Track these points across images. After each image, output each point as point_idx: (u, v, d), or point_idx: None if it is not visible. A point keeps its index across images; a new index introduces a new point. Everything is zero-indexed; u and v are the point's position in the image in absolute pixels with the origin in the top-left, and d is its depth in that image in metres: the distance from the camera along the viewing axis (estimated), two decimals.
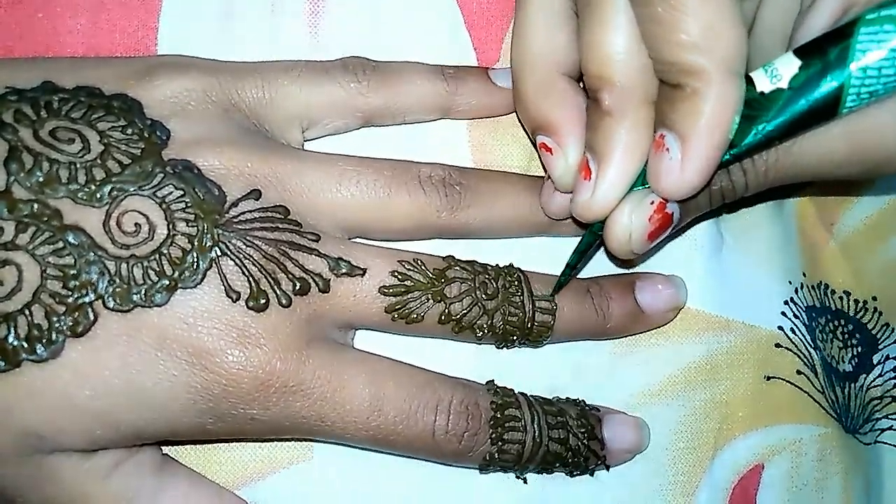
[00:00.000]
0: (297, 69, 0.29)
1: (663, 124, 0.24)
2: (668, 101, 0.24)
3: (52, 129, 0.25)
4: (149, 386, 0.24)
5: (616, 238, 0.26)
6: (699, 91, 0.23)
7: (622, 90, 0.25)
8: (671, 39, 0.23)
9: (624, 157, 0.25)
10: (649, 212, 0.26)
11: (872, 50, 0.23)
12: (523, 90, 0.28)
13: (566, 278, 0.30)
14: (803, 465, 0.33)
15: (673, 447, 0.32)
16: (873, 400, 0.36)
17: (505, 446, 0.28)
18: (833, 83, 0.24)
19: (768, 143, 0.26)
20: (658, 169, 0.25)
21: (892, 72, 0.23)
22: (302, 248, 0.27)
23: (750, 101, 0.24)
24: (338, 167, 0.28)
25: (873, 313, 0.36)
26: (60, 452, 0.25)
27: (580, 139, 0.27)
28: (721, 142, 0.24)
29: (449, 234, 0.30)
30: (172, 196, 0.25)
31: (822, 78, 0.24)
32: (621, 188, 0.26)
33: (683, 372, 0.33)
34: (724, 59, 0.23)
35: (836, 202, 0.37)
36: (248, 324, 0.25)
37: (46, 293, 0.24)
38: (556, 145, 0.28)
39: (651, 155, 0.25)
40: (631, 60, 0.24)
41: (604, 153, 0.25)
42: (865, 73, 0.24)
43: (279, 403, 0.26)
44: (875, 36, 0.23)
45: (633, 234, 0.26)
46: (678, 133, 0.24)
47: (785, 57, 0.25)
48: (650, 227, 0.26)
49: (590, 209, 0.26)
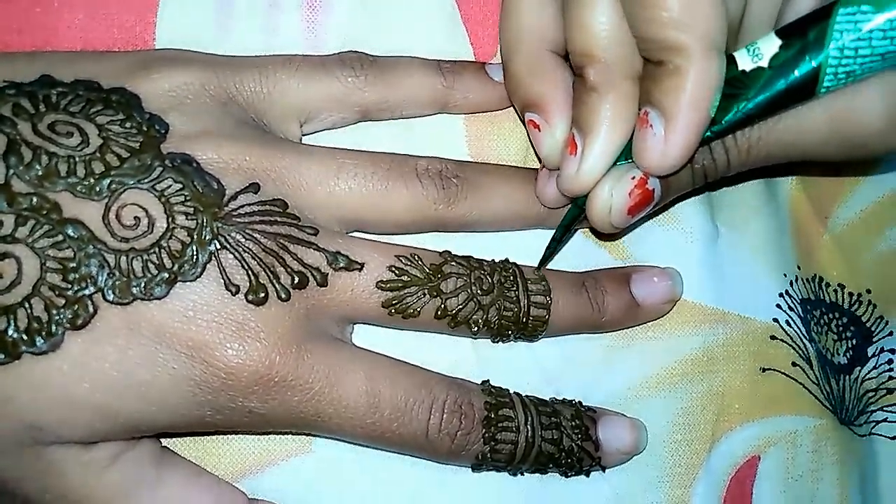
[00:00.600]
0: (294, 63, 0.29)
1: (647, 101, 0.25)
2: (651, 78, 0.25)
3: (50, 122, 0.25)
4: (148, 378, 0.25)
5: (596, 211, 0.27)
6: (680, 67, 0.24)
7: (606, 66, 0.26)
8: (652, 17, 0.24)
9: (608, 131, 0.26)
10: (629, 186, 0.27)
11: (849, 31, 0.24)
12: (513, 68, 0.29)
13: (551, 252, 0.30)
14: (799, 456, 0.33)
15: (670, 439, 0.32)
16: (868, 392, 0.36)
17: (497, 446, 0.28)
18: (811, 63, 0.25)
19: (748, 121, 0.26)
20: (642, 145, 0.25)
21: (868, 53, 0.24)
22: (300, 241, 0.27)
23: (731, 79, 0.25)
24: (336, 161, 0.28)
25: (868, 306, 0.37)
26: (60, 444, 0.25)
27: (567, 115, 0.28)
28: (703, 117, 0.24)
29: (446, 227, 0.30)
30: (171, 189, 0.25)
31: (801, 58, 0.25)
32: (605, 161, 0.26)
33: (680, 364, 0.33)
34: (704, 35, 0.23)
35: (831, 195, 0.37)
36: (247, 317, 0.25)
37: (46, 286, 0.24)
38: (544, 122, 0.28)
39: (636, 131, 0.26)
40: (614, 37, 0.25)
41: (589, 127, 0.26)
42: (842, 53, 0.24)
43: (277, 397, 0.26)
44: (853, 17, 0.24)
45: (613, 208, 0.27)
46: (661, 109, 0.25)
47: (767, 37, 0.26)
48: (630, 202, 0.27)
49: (575, 183, 0.27)
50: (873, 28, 0.24)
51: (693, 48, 0.23)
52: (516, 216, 0.31)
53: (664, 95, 0.24)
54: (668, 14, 0.23)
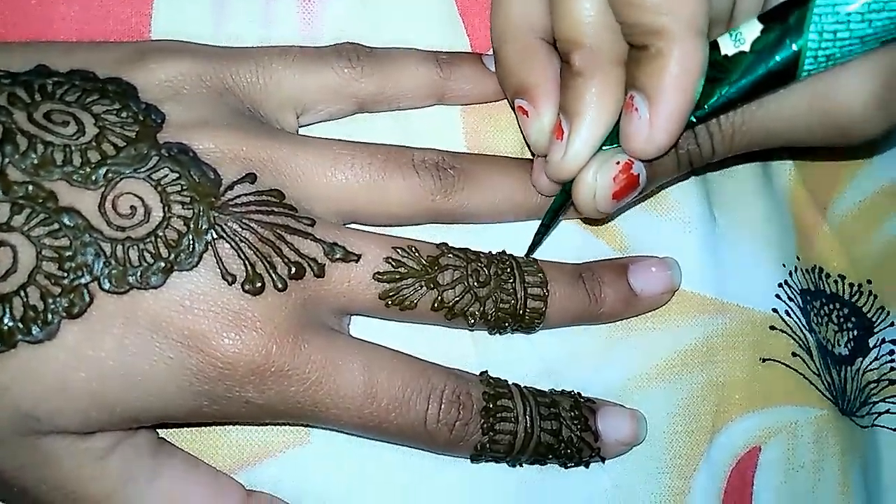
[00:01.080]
0: (291, 54, 0.29)
1: (632, 86, 0.26)
2: (635, 63, 0.25)
3: (46, 111, 0.25)
4: (144, 368, 0.24)
5: (581, 196, 0.28)
6: (663, 51, 0.24)
7: (591, 51, 0.26)
8: (634, 2, 0.24)
9: (593, 115, 0.26)
10: (614, 171, 0.27)
11: (828, 15, 0.24)
12: (503, 56, 0.29)
13: (540, 237, 0.31)
14: (799, 447, 0.33)
15: (670, 430, 0.32)
16: (870, 383, 0.36)
17: (496, 436, 0.28)
18: (792, 47, 0.25)
19: (731, 105, 0.27)
20: (628, 129, 0.26)
21: (847, 36, 0.24)
22: (297, 232, 0.27)
23: (714, 63, 0.26)
24: (332, 151, 0.28)
25: (868, 297, 0.36)
26: (56, 434, 0.24)
27: (555, 102, 0.28)
28: (687, 100, 0.25)
29: (443, 218, 0.30)
30: (168, 179, 0.25)
31: (782, 42, 0.25)
32: (591, 146, 0.27)
33: (680, 355, 0.33)
34: (685, 18, 0.24)
35: (829, 186, 0.37)
36: (243, 307, 0.25)
37: (42, 274, 0.24)
38: (532, 108, 0.28)
39: (623, 116, 0.26)
40: (599, 22, 0.26)
41: (575, 112, 0.27)
42: (822, 37, 0.25)
43: (274, 387, 0.26)
44: (831, 1, 0.24)
45: (598, 192, 0.27)
46: (646, 93, 0.25)
47: (750, 22, 0.26)
48: (615, 187, 0.27)
49: (562, 168, 0.27)
50: (851, 11, 0.24)
51: (675, 31, 0.24)
52: (513, 207, 0.31)
53: (648, 79, 0.25)
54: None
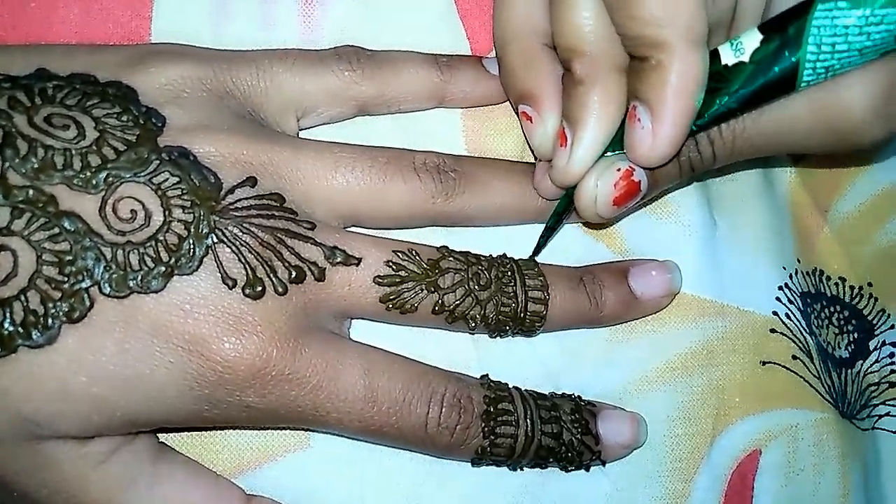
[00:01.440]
0: (291, 57, 0.29)
1: (634, 96, 0.26)
2: (636, 74, 0.26)
3: (46, 115, 0.25)
4: (145, 372, 0.24)
5: (583, 202, 0.28)
6: (663, 62, 0.24)
7: (592, 59, 0.26)
8: (633, 15, 0.24)
9: (595, 123, 0.27)
10: (615, 178, 0.27)
11: (827, 27, 0.24)
12: (507, 61, 0.29)
13: (545, 240, 0.31)
14: (800, 450, 0.33)
15: (671, 433, 0.32)
16: (870, 386, 0.36)
17: (497, 440, 0.28)
18: (791, 59, 0.25)
19: (731, 115, 0.27)
20: (632, 139, 0.26)
21: (846, 48, 0.25)
22: (297, 235, 0.27)
23: (715, 73, 0.26)
24: (333, 155, 0.28)
25: (869, 299, 0.36)
26: (57, 438, 0.24)
27: (558, 108, 0.28)
28: (688, 110, 0.25)
29: (443, 221, 0.30)
30: (168, 182, 0.25)
31: (781, 53, 0.25)
32: (593, 152, 0.27)
33: (680, 358, 0.33)
34: (684, 29, 0.24)
35: (830, 189, 0.37)
36: (244, 311, 0.25)
37: (42, 279, 0.24)
38: (536, 114, 0.28)
39: (626, 126, 0.26)
40: (598, 32, 0.26)
41: (577, 119, 0.27)
42: (820, 49, 0.25)
43: (275, 391, 0.26)
44: (830, 13, 0.24)
45: (599, 198, 0.28)
46: (647, 103, 0.25)
47: (750, 32, 0.26)
48: (615, 193, 0.28)
49: (565, 174, 0.28)
50: (849, 24, 0.24)
51: (674, 43, 0.24)
52: (514, 210, 0.31)
53: (649, 90, 0.25)
54: (648, 11, 0.24)
